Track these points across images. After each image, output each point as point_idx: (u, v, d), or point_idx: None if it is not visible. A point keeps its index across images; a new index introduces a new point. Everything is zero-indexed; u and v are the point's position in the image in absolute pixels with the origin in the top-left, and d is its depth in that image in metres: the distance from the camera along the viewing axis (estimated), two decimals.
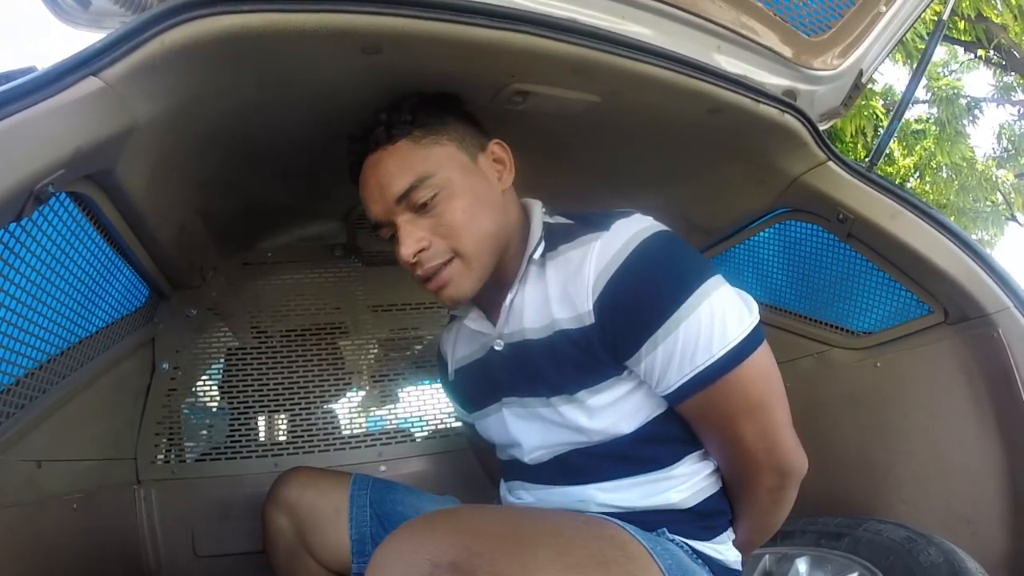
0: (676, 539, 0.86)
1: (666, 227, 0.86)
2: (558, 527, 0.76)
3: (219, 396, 1.56)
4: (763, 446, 0.84)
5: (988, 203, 8.37)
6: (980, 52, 7.29)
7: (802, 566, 1.16)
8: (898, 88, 7.67)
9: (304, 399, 1.56)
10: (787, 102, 1.11)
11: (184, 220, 1.21)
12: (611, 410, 0.87)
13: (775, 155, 1.20)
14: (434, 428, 1.66)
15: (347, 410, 1.64)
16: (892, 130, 1.35)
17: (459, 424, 1.47)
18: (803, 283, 1.40)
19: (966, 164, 7.83)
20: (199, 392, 1.55)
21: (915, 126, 7.97)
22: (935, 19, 1.44)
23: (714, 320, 0.80)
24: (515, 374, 0.94)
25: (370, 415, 1.65)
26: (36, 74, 0.68)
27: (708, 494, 0.90)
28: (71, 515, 1.02)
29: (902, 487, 1.24)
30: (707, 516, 0.90)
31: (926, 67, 1.35)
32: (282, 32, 0.79)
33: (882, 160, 1.78)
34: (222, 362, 1.57)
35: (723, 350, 0.80)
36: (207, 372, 1.55)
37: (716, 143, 1.20)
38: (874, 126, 6.60)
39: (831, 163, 1.18)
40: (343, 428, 1.60)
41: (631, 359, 0.84)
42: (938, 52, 7.76)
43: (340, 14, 0.79)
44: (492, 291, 0.95)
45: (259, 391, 1.54)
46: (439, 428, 1.66)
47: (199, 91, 0.86)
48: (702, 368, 0.81)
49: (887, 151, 2.39)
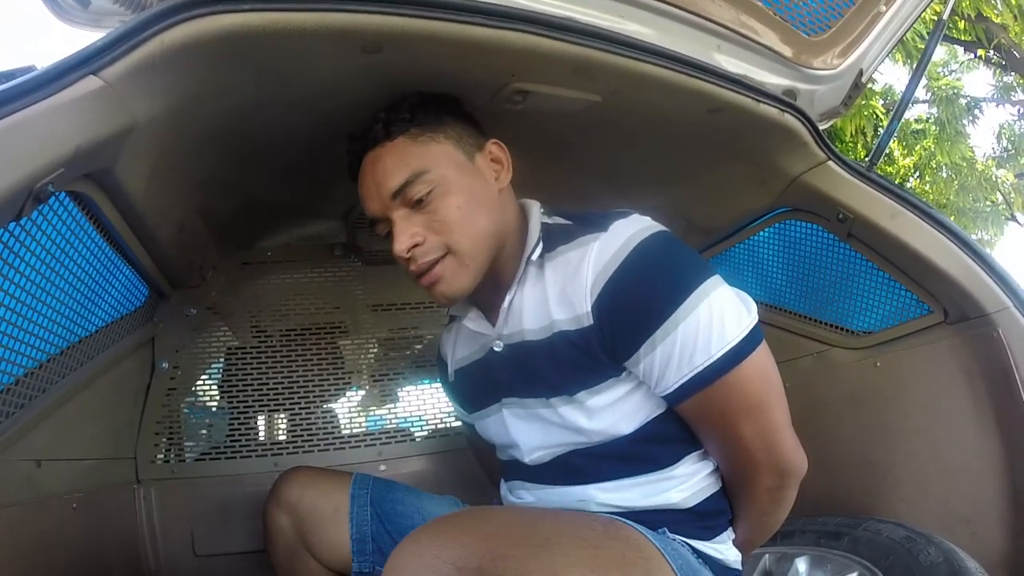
0: (677, 539, 0.86)
1: (664, 227, 0.86)
2: (578, 529, 0.76)
3: (219, 395, 1.56)
4: (762, 446, 0.84)
5: (988, 203, 8.36)
6: (980, 52, 7.29)
7: (802, 566, 1.16)
8: (898, 88, 7.68)
9: (304, 399, 1.56)
10: (787, 101, 1.11)
11: (184, 219, 1.21)
12: (610, 411, 0.87)
13: (775, 155, 1.20)
14: (434, 428, 1.66)
15: (347, 409, 1.64)
16: (892, 130, 1.35)
17: (459, 424, 1.47)
18: (803, 283, 1.39)
19: (966, 164, 7.82)
20: (199, 392, 1.55)
21: (915, 126, 7.97)
22: (935, 19, 1.44)
23: (712, 321, 0.80)
24: (514, 375, 0.94)
25: (370, 414, 1.65)
26: (36, 73, 0.68)
27: (708, 494, 0.90)
28: (71, 514, 1.02)
29: (902, 487, 1.24)
30: (707, 516, 0.90)
31: (926, 67, 1.35)
32: (282, 31, 0.78)
33: (882, 160, 1.78)
34: (222, 361, 1.57)
35: (722, 351, 0.80)
36: (207, 372, 1.55)
37: (716, 143, 1.20)
38: (874, 126, 6.60)
39: (831, 163, 1.18)
40: (343, 427, 1.60)
41: (630, 360, 0.84)
42: (938, 52, 7.76)
43: (340, 13, 0.79)
44: (490, 292, 0.95)
45: (259, 390, 1.54)
46: (439, 428, 1.66)
47: (199, 90, 0.86)
48: (701, 369, 0.80)
49: (887, 151, 2.39)
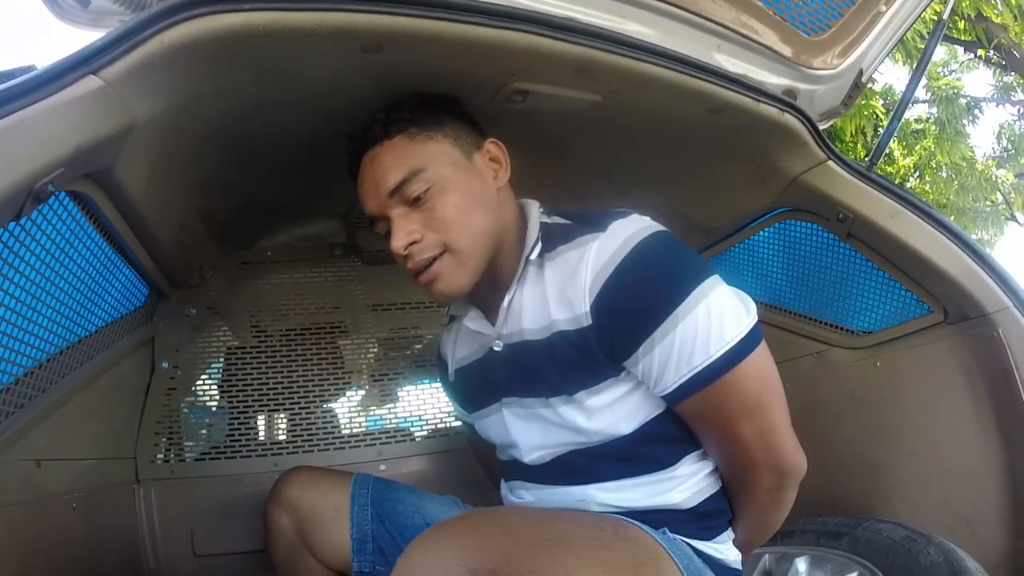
0: (678, 539, 0.86)
1: (663, 227, 0.86)
2: (589, 529, 0.76)
3: (219, 395, 1.56)
4: (761, 446, 0.84)
5: (988, 203, 8.37)
6: (980, 52, 7.29)
7: (802, 565, 1.16)
8: (898, 88, 7.68)
9: (304, 398, 1.56)
10: (787, 101, 1.11)
11: (183, 219, 1.21)
12: (609, 410, 0.87)
13: (775, 154, 1.20)
14: (434, 427, 1.66)
15: (347, 409, 1.63)
16: (892, 130, 1.35)
17: (458, 424, 1.47)
18: (803, 282, 1.39)
19: (966, 164, 7.83)
20: (199, 391, 1.55)
21: (915, 126, 7.98)
22: (935, 19, 1.44)
23: (711, 321, 0.80)
24: (514, 375, 0.94)
25: (370, 414, 1.65)
26: (36, 73, 0.68)
27: (708, 494, 0.90)
28: (70, 514, 1.02)
29: (902, 487, 1.24)
30: (707, 516, 0.90)
31: (926, 67, 1.35)
32: (282, 30, 0.78)
33: (882, 160, 1.78)
34: (222, 361, 1.57)
35: (720, 351, 0.80)
36: (207, 371, 1.55)
37: (716, 142, 1.20)
38: (874, 126, 6.60)
39: (831, 162, 1.18)
40: (343, 427, 1.60)
41: (628, 360, 0.84)
42: (938, 52, 7.76)
43: (340, 12, 0.79)
44: (490, 291, 0.95)
45: (259, 390, 1.54)
46: (439, 427, 1.66)
47: (198, 90, 0.86)
48: (699, 369, 0.80)
49: (887, 151, 2.39)
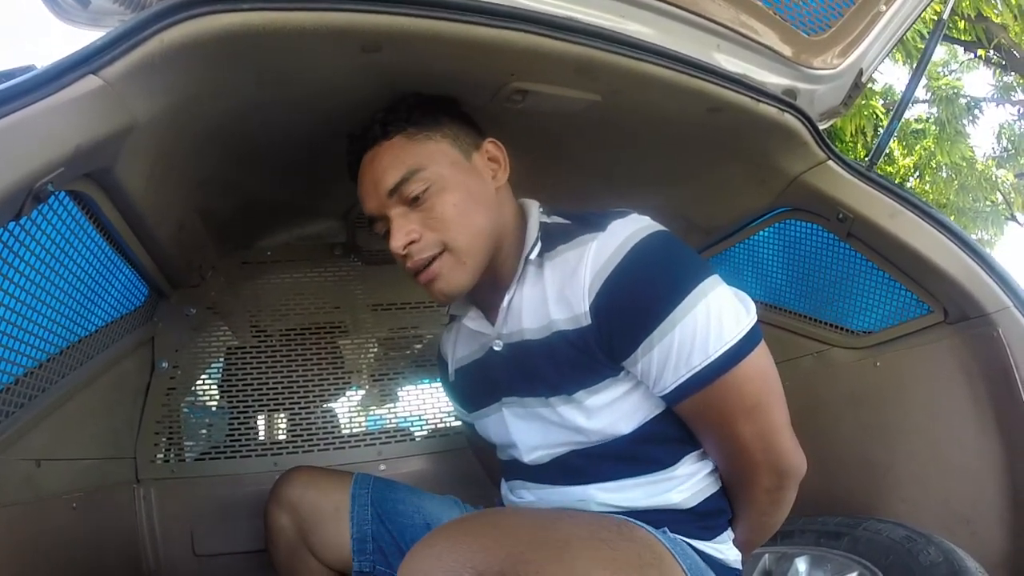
0: (678, 539, 0.86)
1: (663, 227, 0.86)
2: (595, 530, 0.75)
3: (218, 395, 1.56)
4: (761, 446, 0.84)
5: (988, 203, 8.36)
6: (980, 52, 7.29)
7: (802, 565, 1.16)
8: (898, 88, 7.68)
9: (303, 398, 1.56)
10: (787, 101, 1.11)
11: (183, 219, 1.21)
12: (609, 410, 0.87)
13: (775, 154, 1.20)
14: (433, 427, 1.66)
15: (347, 409, 1.63)
16: (892, 129, 1.35)
17: (458, 424, 1.47)
18: (803, 282, 1.39)
19: (966, 164, 7.83)
20: (198, 391, 1.55)
21: (915, 126, 7.97)
22: (935, 19, 1.44)
23: (710, 321, 0.80)
24: (514, 374, 0.94)
25: (370, 414, 1.65)
26: (35, 72, 0.68)
27: (708, 494, 0.90)
28: (70, 514, 1.02)
29: (902, 486, 1.24)
30: (707, 516, 0.90)
31: (926, 67, 1.35)
32: (281, 30, 0.78)
33: (882, 159, 1.78)
34: (221, 361, 1.57)
35: (720, 351, 0.80)
36: (206, 371, 1.55)
37: (716, 142, 1.19)
38: (874, 125, 6.59)
39: (831, 162, 1.18)
40: (343, 427, 1.60)
41: (628, 360, 0.84)
42: (938, 52, 7.76)
43: (340, 12, 0.79)
44: (490, 291, 0.95)
45: (258, 390, 1.54)
46: (439, 427, 1.66)
47: (198, 89, 0.86)
48: (699, 369, 0.80)
49: (887, 150, 2.39)
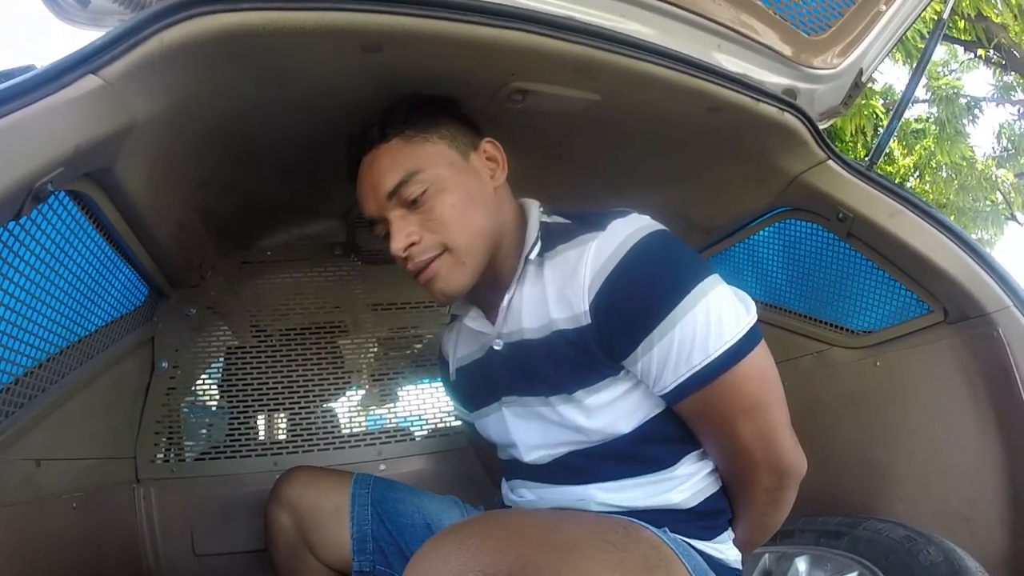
0: (679, 539, 0.86)
1: (663, 226, 0.86)
2: (603, 532, 0.75)
3: (218, 395, 1.56)
4: (761, 446, 0.84)
5: (988, 202, 8.36)
6: (980, 51, 7.28)
7: (802, 565, 1.16)
8: (898, 87, 7.67)
9: (303, 398, 1.56)
10: (787, 101, 1.11)
11: (183, 219, 1.21)
12: (609, 409, 0.87)
13: (775, 154, 1.19)
14: (433, 427, 1.66)
15: (347, 409, 1.63)
16: (892, 129, 1.35)
17: (458, 423, 1.47)
18: (803, 282, 1.39)
19: (966, 163, 7.82)
20: (198, 391, 1.55)
21: (915, 125, 7.97)
22: (935, 18, 1.44)
23: (710, 320, 0.80)
24: (514, 374, 0.94)
25: (370, 414, 1.65)
26: (35, 72, 0.68)
27: (708, 494, 0.90)
28: (70, 514, 1.02)
29: (902, 486, 1.24)
30: (708, 516, 0.90)
31: (926, 66, 1.35)
32: (281, 30, 0.78)
33: (882, 159, 1.78)
34: (221, 361, 1.57)
35: (719, 350, 0.80)
36: (206, 371, 1.55)
37: (716, 142, 1.19)
38: (874, 125, 6.59)
39: (831, 162, 1.18)
40: (343, 427, 1.60)
41: (627, 359, 0.84)
42: (938, 51, 7.76)
43: (340, 12, 0.79)
44: (490, 291, 0.96)
45: (258, 390, 1.54)
46: (439, 427, 1.66)
47: (198, 89, 0.86)
48: (698, 368, 0.80)
49: (887, 150, 2.39)
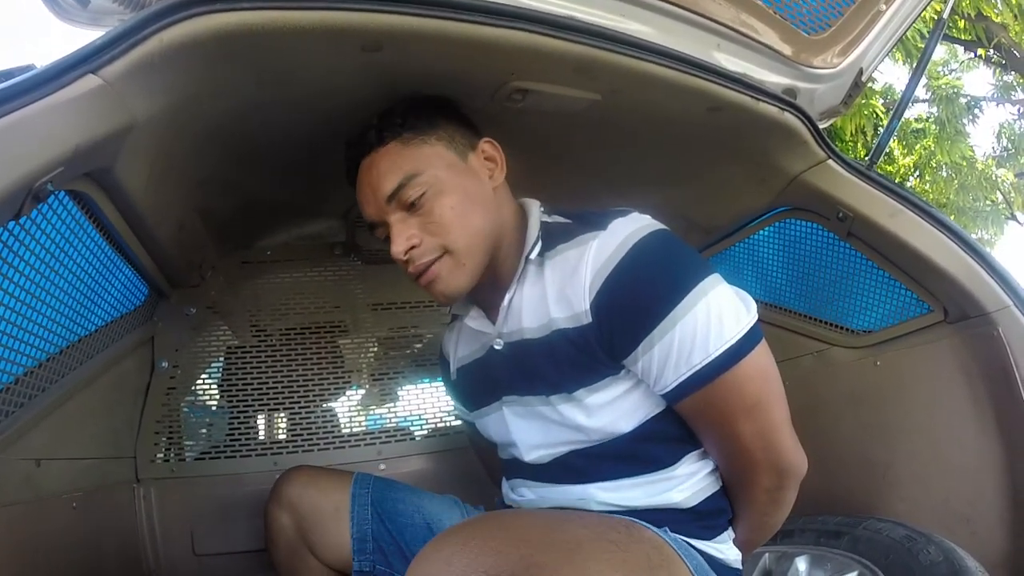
0: (680, 539, 0.86)
1: (663, 226, 0.86)
2: (605, 532, 0.75)
3: (218, 395, 1.56)
4: (761, 445, 0.84)
5: (988, 202, 8.36)
6: (980, 51, 7.28)
7: (802, 564, 1.16)
8: (898, 87, 7.67)
9: (303, 398, 1.56)
10: (787, 100, 1.11)
11: (183, 218, 1.21)
12: (609, 408, 0.87)
13: (775, 153, 1.19)
14: (433, 427, 1.66)
15: (347, 409, 1.64)
16: (892, 129, 1.35)
17: (459, 423, 1.47)
18: (803, 282, 1.39)
19: (966, 163, 7.82)
20: (198, 391, 1.55)
21: (915, 125, 7.97)
22: (935, 18, 1.44)
23: (711, 319, 0.80)
24: (514, 373, 0.94)
25: (370, 414, 1.65)
26: (35, 72, 0.68)
27: (708, 493, 0.90)
28: (70, 514, 1.02)
29: (902, 486, 1.24)
30: (708, 515, 0.90)
31: (926, 66, 1.35)
32: (281, 29, 0.78)
33: (882, 159, 1.79)
34: (221, 361, 1.57)
35: (720, 349, 0.80)
36: (206, 371, 1.55)
37: (716, 142, 1.19)
38: (874, 125, 6.59)
39: (831, 161, 1.18)
40: (343, 427, 1.60)
41: (628, 358, 0.84)
42: (938, 51, 7.76)
43: (340, 11, 0.79)
44: (490, 290, 0.96)
45: (258, 390, 1.54)
46: (439, 427, 1.66)
47: (198, 89, 0.86)
48: (699, 367, 0.80)
49: (887, 150, 2.40)
